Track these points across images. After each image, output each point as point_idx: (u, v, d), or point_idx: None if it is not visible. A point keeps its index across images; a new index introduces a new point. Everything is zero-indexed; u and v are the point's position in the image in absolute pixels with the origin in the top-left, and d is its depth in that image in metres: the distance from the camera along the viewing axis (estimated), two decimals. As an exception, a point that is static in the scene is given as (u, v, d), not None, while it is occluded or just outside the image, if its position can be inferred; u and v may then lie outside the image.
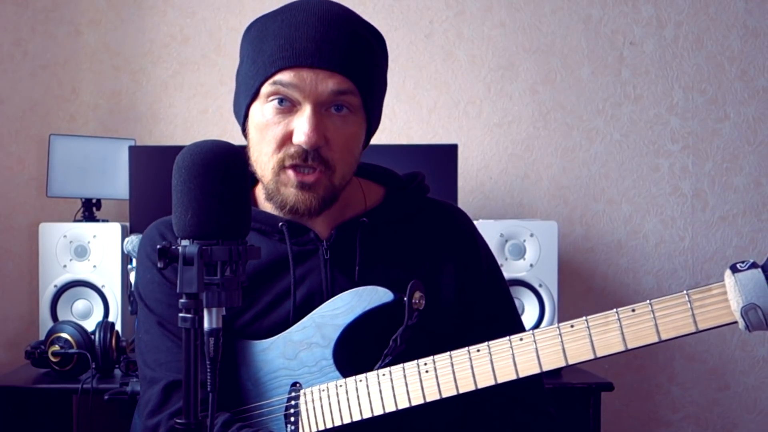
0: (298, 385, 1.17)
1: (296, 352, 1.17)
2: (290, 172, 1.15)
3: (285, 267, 1.21)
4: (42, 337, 2.27)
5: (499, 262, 2.30)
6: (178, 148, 0.94)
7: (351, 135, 1.17)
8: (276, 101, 1.14)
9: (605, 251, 2.78)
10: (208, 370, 0.85)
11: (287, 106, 1.14)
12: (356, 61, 1.14)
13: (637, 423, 2.80)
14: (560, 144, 2.78)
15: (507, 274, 2.35)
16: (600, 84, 2.78)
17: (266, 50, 1.14)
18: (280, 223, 1.21)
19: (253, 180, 1.25)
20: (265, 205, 1.25)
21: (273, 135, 1.15)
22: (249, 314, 1.21)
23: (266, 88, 1.14)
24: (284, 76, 1.12)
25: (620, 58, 2.79)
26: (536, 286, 2.37)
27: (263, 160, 1.17)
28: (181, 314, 0.85)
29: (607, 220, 2.79)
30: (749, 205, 2.79)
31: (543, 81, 2.78)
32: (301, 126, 1.12)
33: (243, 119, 1.21)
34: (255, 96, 1.16)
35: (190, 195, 0.89)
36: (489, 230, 2.36)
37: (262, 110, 1.16)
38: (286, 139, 1.14)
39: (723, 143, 2.79)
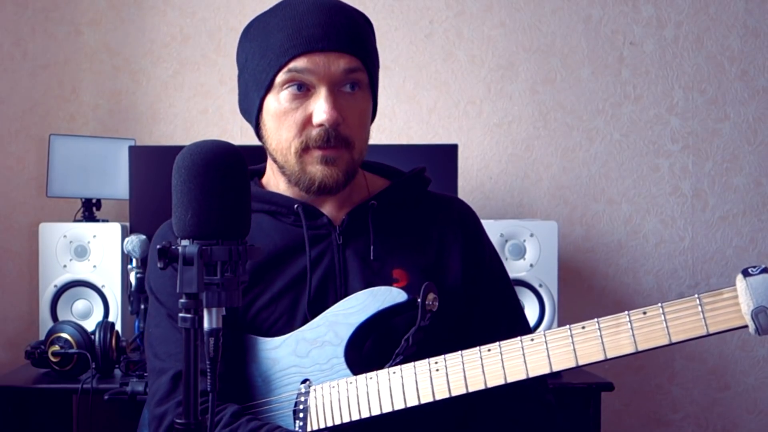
0: (308, 382, 1.18)
1: (308, 350, 1.18)
2: (314, 150, 1.19)
3: (299, 250, 1.24)
4: (42, 337, 2.27)
5: (499, 262, 2.33)
6: (178, 148, 0.95)
7: (363, 111, 1.23)
8: (293, 87, 1.19)
9: (605, 251, 2.78)
10: (208, 370, 0.86)
11: (303, 91, 1.19)
12: (360, 42, 1.20)
13: (637, 423, 2.80)
14: (560, 144, 2.78)
15: (507, 274, 2.35)
16: (600, 84, 2.78)
17: (275, 42, 1.19)
18: (296, 205, 1.24)
19: (253, 176, 1.28)
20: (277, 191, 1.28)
21: (293, 120, 1.19)
22: (265, 297, 1.22)
23: (281, 77, 1.18)
24: (298, 63, 1.17)
25: (620, 58, 2.79)
26: (536, 286, 2.37)
27: (284, 146, 1.20)
28: (181, 314, 0.85)
29: (607, 220, 2.79)
30: (749, 205, 2.79)
31: (543, 81, 2.78)
32: (320, 106, 1.17)
33: (257, 114, 1.23)
34: (269, 88, 1.20)
35: (190, 195, 0.89)
36: (489, 230, 2.31)
37: (278, 99, 1.20)
38: (306, 122, 1.19)
39: (723, 143, 2.79)
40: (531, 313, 2.36)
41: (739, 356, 2.80)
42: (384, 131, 2.75)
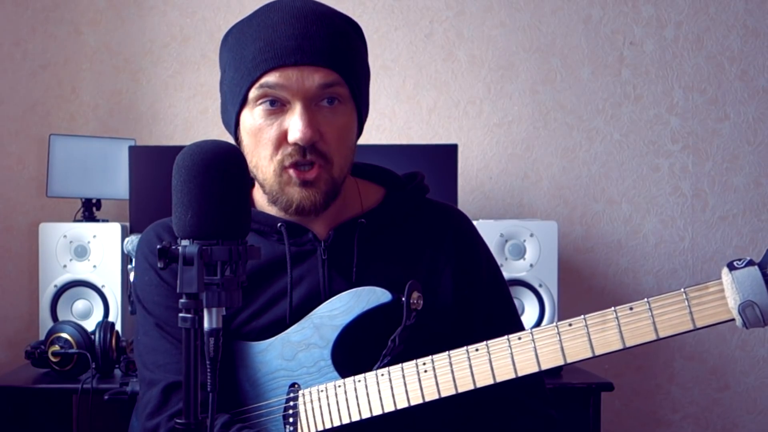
0: (296, 386, 1.17)
1: (294, 353, 1.17)
2: (291, 171, 1.15)
3: (283, 267, 1.21)
4: (42, 337, 2.27)
5: (499, 262, 2.31)
6: (178, 148, 0.95)
7: (344, 126, 1.17)
8: (266, 103, 1.14)
9: (605, 251, 2.78)
10: (208, 370, 0.85)
11: (277, 106, 1.14)
12: (338, 53, 1.14)
13: (637, 423, 2.80)
14: (560, 144, 2.78)
15: (507, 274, 2.35)
16: (600, 84, 2.78)
17: (248, 55, 1.14)
18: (279, 224, 1.21)
19: (251, 182, 1.24)
20: (263, 207, 1.24)
21: (268, 137, 1.15)
22: (245, 313, 1.21)
23: (254, 93, 1.14)
24: (270, 78, 1.13)
25: (620, 58, 2.79)
26: (536, 286, 2.37)
27: (263, 164, 1.16)
28: (181, 314, 0.85)
29: (607, 220, 2.78)
30: (749, 205, 2.79)
31: (543, 81, 2.78)
32: (295, 124, 1.12)
33: (234, 128, 1.20)
34: (243, 102, 1.16)
35: (191, 195, 0.89)
36: (489, 230, 2.36)
37: (253, 115, 1.16)
38: (282, 139, 1.14)
39: (723, 143, 2.79)
40: (531, 313, 2.36)
41: (739, 356, 2.80)
42: (384, 131, 2.75)
